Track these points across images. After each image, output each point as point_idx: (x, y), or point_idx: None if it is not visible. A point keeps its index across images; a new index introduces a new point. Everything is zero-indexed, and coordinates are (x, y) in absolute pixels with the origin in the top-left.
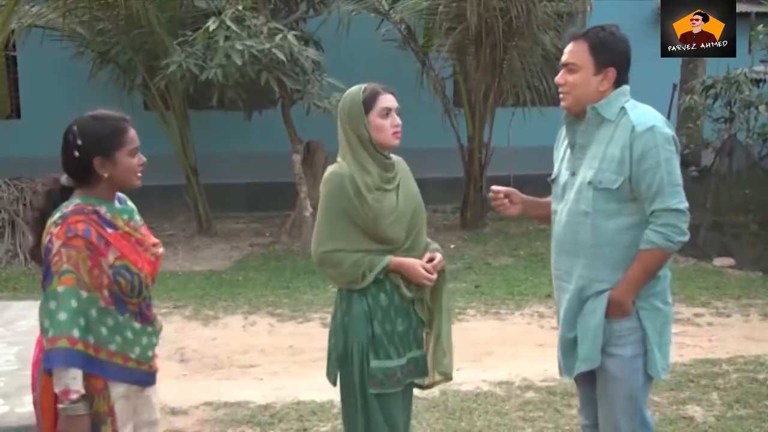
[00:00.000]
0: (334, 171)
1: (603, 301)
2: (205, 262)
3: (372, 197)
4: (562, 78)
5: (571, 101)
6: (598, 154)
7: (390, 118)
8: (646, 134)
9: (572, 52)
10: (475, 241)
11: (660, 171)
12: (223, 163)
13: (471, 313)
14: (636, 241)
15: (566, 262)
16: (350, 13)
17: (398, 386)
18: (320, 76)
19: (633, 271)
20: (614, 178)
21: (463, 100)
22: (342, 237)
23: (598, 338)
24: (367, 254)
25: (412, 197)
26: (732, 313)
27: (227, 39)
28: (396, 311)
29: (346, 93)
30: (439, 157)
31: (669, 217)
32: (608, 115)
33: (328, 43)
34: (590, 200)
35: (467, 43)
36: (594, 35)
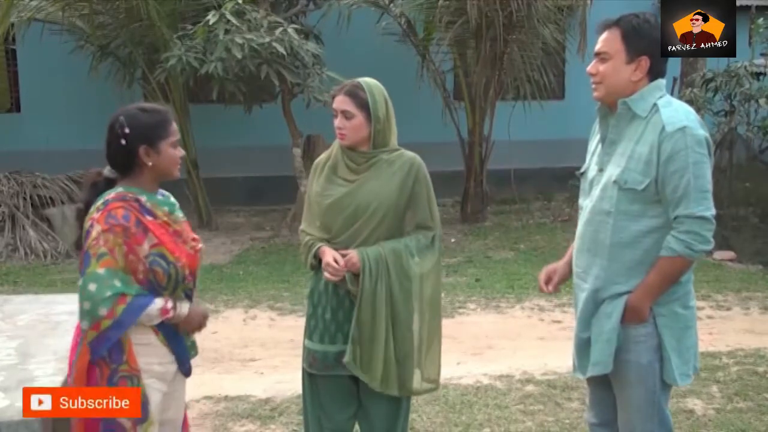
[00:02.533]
0: (318, 159)
1: (620, 305)
2: (205, 256)
3: (322, 186)
4: (594, 68)
5: (603, 92)
6: (627, 152)
7: (338, 119)
8: (677, 135)
9: (605, 40)
10: (476, 234)
11: (687, 174)
12: (223, 156)
13: (471, 306)
14: (658, 245)
15: (585, 260)
16: (350, 6)
17: (316, 370)
18: (320, 70)
19: (651, 277)
20: (640, 179)
21: (464, 94)
22: (307, 219)
23: (612, 343)
24: (312, 239)
25: (370, 195)
26: (732, 306)
27: (227, 32)
28: (328, 299)
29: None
30: (440, 151)
31: (692, 225)
32: (640, 111)
33: (328, 36)
34: (614, 200)
35: (467, 36)
36: (627, 22)
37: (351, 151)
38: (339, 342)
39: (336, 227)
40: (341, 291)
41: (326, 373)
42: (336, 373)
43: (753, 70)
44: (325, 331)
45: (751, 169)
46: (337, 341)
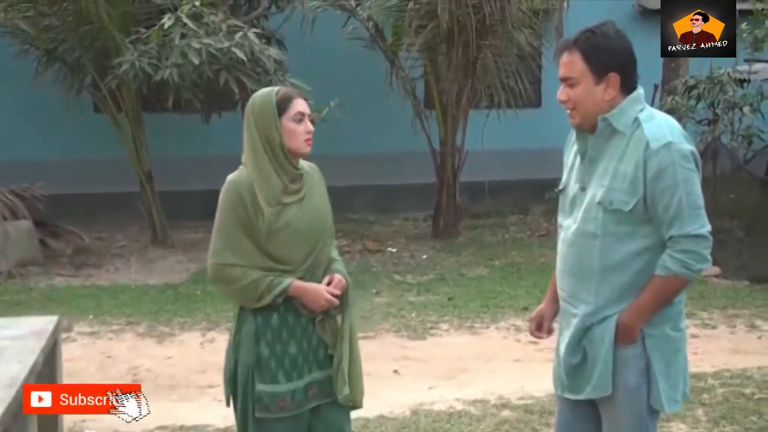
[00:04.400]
0: (232, 179)
1: (611, 326)
2: (160, 275)
3: (270, 211)
4: (564, 94)
5: (579, 118)
6: (609, 170)
7: (303, 124)
8: (662, 151)
9: (566, 64)
10: (448, 250)
11: (678, 192)
12: (179, 168)
13: (444, 327)
14: (649, 266)
15: (570, 284)
16: (315, 9)
17: (288, 412)
18: (283, 77)
19: (645, 297)
20: (626, 200)
21: (435, 102)
22: (238, 250)
23: (609, 366)
24: (266, 275)
25: (317, 213)
26: (717, 325)
27: (183, 37)
28: (289, 332)
29: (255, 95)
30: (410, 162)
31: (689, 244)
32: (621, 127)
33: (291, 41)
34: (599, 221)
35: (439, 41)
36: (584, 41)
37: (291, 162)
38: (306, 374)
39: (293, 254)
40: (304, 318)
41: (294, 412)
42: (300, 411)
43: (737, 77)
44: (293, 368)
45: (735, 180)
46: (304, 373)
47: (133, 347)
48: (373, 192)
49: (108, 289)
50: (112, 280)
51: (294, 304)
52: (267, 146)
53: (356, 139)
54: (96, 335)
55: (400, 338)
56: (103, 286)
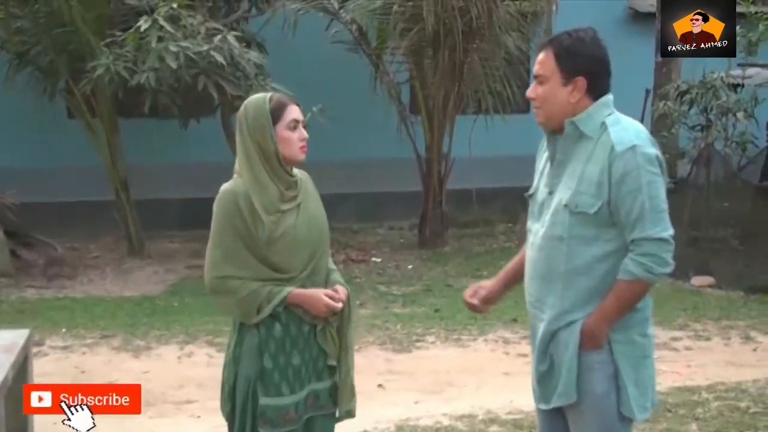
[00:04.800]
0: (227, 188)
1: (576, 332)
2: (136, 287)
3: (269, 220)
4: (533, 91)
5: (542, 116)
6: (576, 174)
7: (298, 131)
8: (627, 154)
9: (540, 62)
10: (435, 260)
11: (641, 195)
12: (156, 176)
13: (430, 339)
14: (614, 270)
15: (538, 289)
16: (296, 12)
17: (292, 425)
18: (264, 81)
19: (609, 301)
20: (591, 202)
21: (421, 107)
22: (236, 262)
23: (573, 371)
24: (264, 285)
25: (315, 220)
26: (712, 337)
27: (161, 40)
28: (292, 343)
29: (247, 102)
30: (395, 169)
31: (651, 247)
32: (588, 131)
33: (272, 44)
34: (566, 224)
35: (424, 45)
36: (558, 42)
37: (286, 170)
38: (306, 385)
39: (294, 262)
40: (307, 328)
41: (289, 428)
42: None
43: (730, 82)
44: (296, 378)
45: (729, 188)
46: (305, 384)
47: (107, 362)
48: (356, 200)
49: (82, 302)
50: (86, 292)
51: (296, 313)
52: (261, 155)
53: (339, 145)
54: (69, 349)
55: (384, 351)
56: (77, 299)
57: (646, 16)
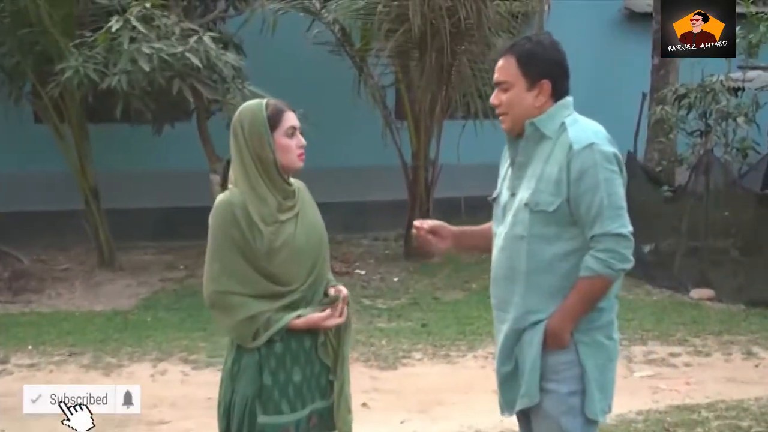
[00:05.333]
0: (224, 199)
1: (540, 331)
2: (107, 301)
3: (268, 231)
4: (497, 98)
5: (509, 123)
6: (536, 173)
7: (295, 138)
8: (584, 152)
9: (501, 68)
10: (422, 272)
11: (599, 192)
12: (128, 184)
13: (417, 356)
14: (576, 269)
15: (502, 290)
16: (276, 12)
17: None
18: (242, 84)
19: (570, 299)
20: (551, 200)
21: (407, 112)
22: (235, 275)
23: (536, 371)
24: (265, 310)
25: (314, 229)
26: (712, 352)
27: (133, 41)
28: (293, 359)
29: (242, 109)
30: (380, 177)
31: (610, 243)
32: (548, 132)
33: (250, 46)
34: (526, 223)
35: (410, 46)
36: (520, 47)
37: (284, 178)
38: (309, 403)
39: (295, 273)
40: (306, 342)
41: None
42: None
43: (730, 85)
44: (297, 396)
45: (730, 196)
46: (308, 402)
47: (76, 380)
48: (339, 209)
49: (49, 317)
50: (53, 307)
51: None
52: (259, 164)
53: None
54: (35, 367)
55: (369, 368)
56: (44, 313)
57: (642, 16)
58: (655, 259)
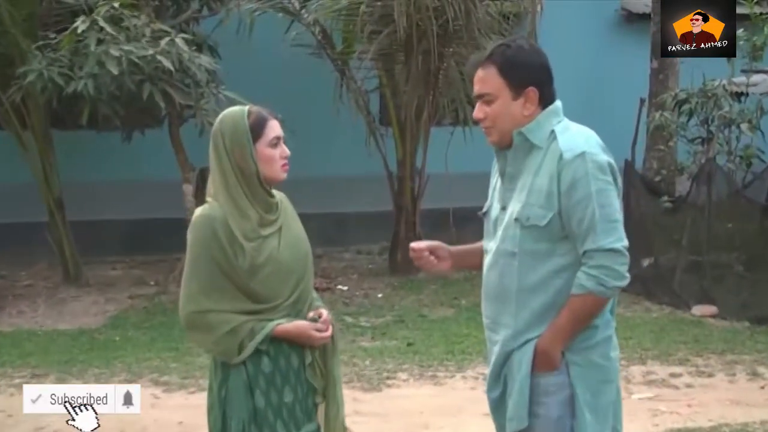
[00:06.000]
0: (204, 214)
1: (529, 352)
2: (72, 319)
3: (250, 246)
4: (480, 111)
5: (497, 136)
6: (527, 186)
7: (279, 149)
8: (575, 162)
9: (482, 80)
10: (408, 288)
11: (591, 204)
12: (95, 194)
13: (402, 377)
14: (568, 286)
15: (493, 309)
16: (252, 12)
17: None
18: (216, 89)
19: (561, 318)
20: (542, 214)
21: (392, 118)
22: (214, 294)
23: (524, 394)
24: (247, 320)
25: (298, 243)
26: (715, 372)
27: (100, 43)
28: (283, 378)
29: (223, 117)
30: (363, 187)
31: (602, 258)
32: (537, 141)
33: (225, 48)
34: (517, 239)
35: (395, 49)
36: (500, 55)
37: (266, 191)
38: (302, 425)
39: (279, 290)
40: (295, 361)
41: None
42: None
43: (733, 90)
44: (291, 418)
45: (733, 207)
46: (301, 425)
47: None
48: (320, 221)
49: (10, 336)
50: (15, 325)
51: (283, 347)
52: (240, 175)
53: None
54: None
55: (352, 390)
56: (4, 332)
57: (640, 17)
58: (655, 274)
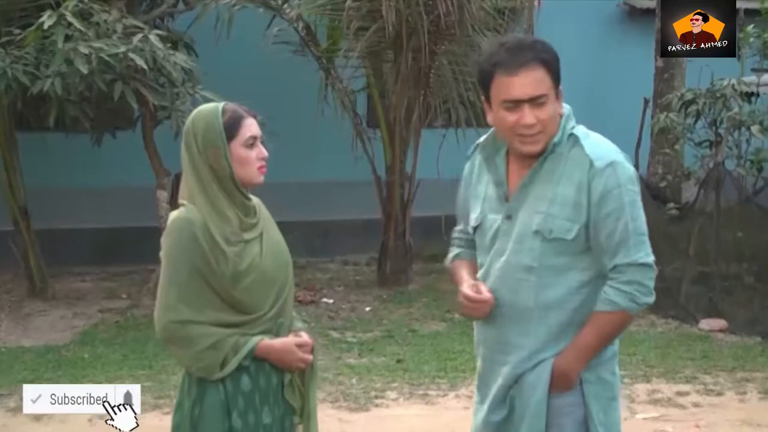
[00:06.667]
0: (183, 217)
1: (545, 372)
2: (38, 335)
3: (233, 251)
4: (534, 117)
5: (543, 144)
6: (546, 195)
7: (256, 149)
8: (607, 171)
9: (534, 81)
10: (397, 301)
11: (624, 216)
12: (63, 202)
13: (392, 396)
14: (587, 302)
15: (502, 329)
16: (232, 7)
17: None
18: (193, 89)
19: (586, 336)
20: (568, 226)
21: (380, 120)
22: (194, 303)
23: (542, 417)
24: (231, 333)
25: (280, 248)
26: (724, 391)
27: (68, 39)
28: (262, 398)
29: (195, 115)
30: (350, 193)
31: (635, 274)
32: (560, 147)
33: (203, 46)
34: (536, 253)
35: (384, 46)
36: (544, 52)
37: (243, 193)
38: None
39: (261, 299)
40: (274, 380)
41: None
42: None
43: (743, 90)
44: None
45: (743, 215)
46: None
47: (3, 426)
48: (303, 230)
49: None
50: None
51: (265, 365)
52: (215, 177)
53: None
54: None
55: (337, 410)
56: None
57: (644, 12)
58: (660, 286)
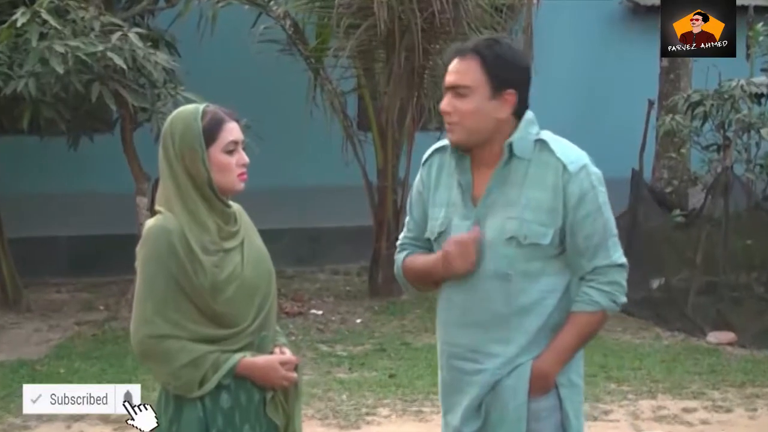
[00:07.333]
0: (159, 225)
1: (524, 376)
2: (10, 349)
3: (211, 261)
4: (449, 104)
5: (462, 135)
6: (518, 200)
7: (236, 155)
8: (582, 174)
9: (460, 71)
10: (390, 312)
11: (601, 218)
12: (37, 208)
13: (383, 412)
14: (559, 305)
15: (474, 337)
16: (215, 4)
17: None
18: (174, 90)
19: (566, 337)
20: (543, 231)
21: (371, 122)
22: (172, 316)
23: (522, 421)
24: (210, 350)
25: (262, 258)
26: (733, 407)
27: (43, 37)
28: (242, 416)
29: (174, 117)
30: (339, 199)
31: (615, 275)
32: (522, 153)
33: (185, 45)
34: (510, 259)
35: (375, 45)
36: (488, 49)
37: (222, 201)
38: None
39: (242, 311)
40: (256, 396)
41: None
42: None
43: (752, 91)
44: None
45: (753, 222)
46: None
47: None
48: (290, 238)
49: None
50: None
51: (245, 381)
52: (193, 184)
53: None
54: None
55: (327, 428)
56: None
57: (648, 10)
58: (666, 297)
